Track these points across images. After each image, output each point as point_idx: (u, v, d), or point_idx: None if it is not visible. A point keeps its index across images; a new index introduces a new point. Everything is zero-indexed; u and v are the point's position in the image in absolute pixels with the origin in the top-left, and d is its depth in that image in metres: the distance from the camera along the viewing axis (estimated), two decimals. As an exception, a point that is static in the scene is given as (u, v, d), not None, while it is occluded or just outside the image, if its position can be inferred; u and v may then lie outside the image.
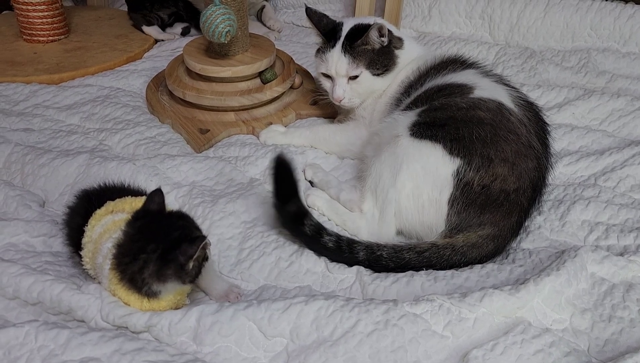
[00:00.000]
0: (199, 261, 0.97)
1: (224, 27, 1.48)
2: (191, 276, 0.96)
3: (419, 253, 1.11)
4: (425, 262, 1.11)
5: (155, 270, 0.94)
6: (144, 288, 0.96)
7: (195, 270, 0.96)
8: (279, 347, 0.95)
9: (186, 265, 0.93)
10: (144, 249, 0.94)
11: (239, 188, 1.35)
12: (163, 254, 0.93)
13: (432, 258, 1.11)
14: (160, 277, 0.94)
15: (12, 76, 1.84)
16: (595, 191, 1.33)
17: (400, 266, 1.11)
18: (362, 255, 1.12)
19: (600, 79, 1.84)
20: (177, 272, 0.94)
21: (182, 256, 0.92)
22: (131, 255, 0.95)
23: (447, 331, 0.95)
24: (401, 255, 1.11)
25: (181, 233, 0.96)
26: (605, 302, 1.02)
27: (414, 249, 1.11)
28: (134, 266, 0.94)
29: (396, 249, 1.12)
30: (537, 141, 1.20)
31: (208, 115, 1.62)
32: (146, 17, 2.20)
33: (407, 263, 1.11)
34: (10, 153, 1.44)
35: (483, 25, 2.20)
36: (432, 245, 1.12)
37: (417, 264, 1.11)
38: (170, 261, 0.93)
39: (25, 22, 2.05)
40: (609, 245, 1.19)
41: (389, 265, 1.11)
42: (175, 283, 0.96)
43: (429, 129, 1.17)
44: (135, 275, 0.95)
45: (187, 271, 0.94)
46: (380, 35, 1.38)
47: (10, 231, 1.18)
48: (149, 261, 0.93)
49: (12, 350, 0.90)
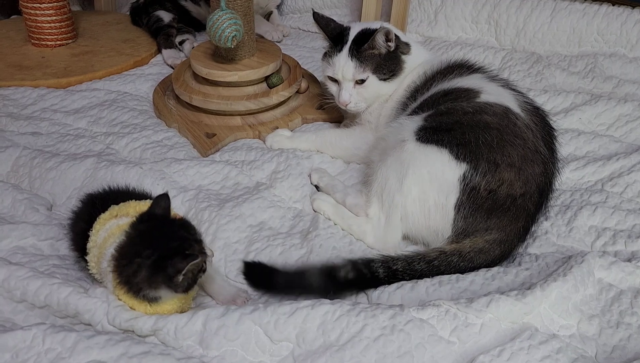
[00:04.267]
0: (193, 274, 0.96)
1: (230, 31, 1.49)
2: (182, 287, 0.95)
3: (429, 262, 1.11)
4: (435, 271, 1.10)
5: (146, 275, 0.93)
6: (141, 293, 0.96)
7: (187, 282, 0.95)
8: (285, 351, 0.95)
9: (174, 278, 0.93)
10: (139, 253, 0.94)
11: (245, 192, 1.36)
12: (156, 261, 0.93)
13: (441, 266, 1.10)
14: (152, 284, 0.94)
15: (20, 80, 1.85)
16: (603, 196, 1.32)
17: (413, 277, 1.11)
18: (381, 273, 1.09)
19: (607, 84, 1.83)
20: (165, 282, 0.94)
21: (172, 268, 0.92)
22: (128, 258, 0.95)
23: (453, 336, 0.94)
24: (413, 266, 1.10)
25: (179, 244, 0.95)
26: (613, 308, 1.01)
27: (424, 258, 1.11)
28: (129, 269, 0.94)
29: (408, 261, 1.11)
30: (543, 146, 1.20)
31: (214, 119, 1.62)
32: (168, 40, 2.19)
33: (420, 275, 1.10)
34: (18, 157, 1.45)
35: (489, 30, 2.20)
36: (440, 252, 1.12)
37: (427, 274, 1.10)
38: (161, 270, 0.93)
39: (34, 26, 2.06)
40: (616, 250, 1.19)
41: (405, 278, 1.10)
42: (168, 291, 0.96)
43: (435, 134, 1.17)
44: (129, 278, 0.95)
45: (176, 283, 0.94)
46: (387, 40, 1.39)
47: (18, 235, 1.19)
48: (143, 266, 0.93)
49: (19, 353, 0.90)
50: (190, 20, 2.32)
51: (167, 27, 2.18)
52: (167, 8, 2.26)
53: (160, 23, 2.19)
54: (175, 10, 2.27)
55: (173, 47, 2.12)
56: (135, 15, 2.32)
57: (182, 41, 2.18)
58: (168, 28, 2.18)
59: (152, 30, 2.20)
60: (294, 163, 1.45)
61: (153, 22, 2.20)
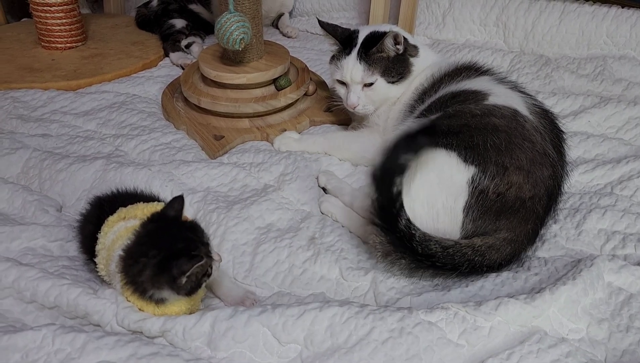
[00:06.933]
0: (197, 277, 0.96)
1: (238, 34, 1.50)
2: (185, 289, 0.95)
3: (444, 248, 1.08)
4: (449, 258, 1.07)
5: (150, 275, 0.94)
6: (147, 294, 0.96)
7: (190, 285, 0.95)
8: (293, 353, 0.95)
9: (178, 279, 0.93)
10: (146, 253, 0.94)
11: (253, 194, 1.36)
12: (161, 262, 0.93)
13: (455, 255, 1.08)
14: (155, 284, 0.94)
15: (30, 82, 1.87)
16: (612, 199, 1.31)
17: (426, 255, 1.07)
18: (402, 224, 1.06)
19: (617, 86, 1.82)
20: (169, 283, 0.94)
21: (176, 269, 0.92)
22: (134, 257, 0.95)
23: (462, 339, 0.94)
24: (429, 244, 1.08)
25: (185, 245, 0.95)
26: (623, 312, 1.01)
27: (439, 243, 1.09)
28: (135, 269, 0.95)
29: (426, 236, 1.08)
30: (552, 149, 1.19)
31: (223, 121, 1.63)
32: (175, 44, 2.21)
33: (433, 255, 1.07)
34: (29, 158, 1.46)
35: (497, 32, 2.19)
36: (455, 242, 1.10)
37: (441, 258, 1.07)
38: (165, 271, 0.93)
39: (44, 29, 2.08)
40: (626, 254, 1.18)
41: (417, 249, 1.07)
42: (171, 293, 0.96)
43: (443, 137, 1.16)
44: (135, 277, 0.95)
45: (180, 285, 0.94)
46: (395, 43, 1.39)
47: (28, 236, 1.20)
48: (147, 265, 0.94)
49: (29, 353, 0.91)
50: (202, 23, 2.33)
51: (177, 33, 2.20)
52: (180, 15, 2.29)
53: (172, 29, 2.22)
54: (186, 15, 2.29)
55: (180, 51, 2.14)
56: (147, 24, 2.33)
57: (190, 44, 2.19)
58: (177, 34, 2.20)
59: (163, 36, 2.22)
60: (302, 165, 1.45)
61: (165, 29, 2.23)
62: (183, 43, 2.20)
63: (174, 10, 2.30)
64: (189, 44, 2.20)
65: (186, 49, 2.18)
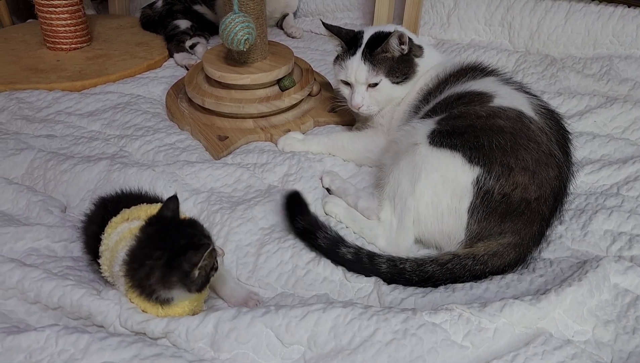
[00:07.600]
0: (206, 271, 0.96)
1: (243, 35, 1.50)
2: (197, 284, 0.95)
3: (442, 265, 1.10)
4: (448, 274, 1.09)
5: (160, 276, 0.94)
6: (154, 295, 0.96)
7: (201, 279, 0.95)
8: (296, 355, 0.95)
9: (191, 272, 0.93)
10: (150, 255, 0.94)
11: (256, 194, 1.36)
12: (168, 261, 0.93)
13: (454, 269, 1.09)
14: (166, 284, 0.94)
15: (35, 83, 1.87)
16: (618, 200, 1.30)
17: (424, 279, 1.10)
18: (384, 268, 1.11)
19: (623, 86, 1.81)
20: (182, 280, 0.94)
21: (187, 263, 0.92)
22: (138, 261, 0.95)
23: (466, 341, 0.94)
24: (424, 268, 1.10)
25: (188, 240, 0.95)
26: (629, 314, 1.00)
27: (436, 261, 1.10)
28: (141, 273, 0.95)
29: (419, 262, 1.11)
30: (558, 150, 1.19)
31: (227, 122, 1.63)
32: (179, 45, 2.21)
33: (431, 277, 1.10)
34: (33, 159, 1.46)
35: (503, 32, 2.18)
36: (453, 255, 1.11)
37: (440, 276, 1.09)
38: (175, 269, 0.93)
39: (49, 30, 2.09)
40: (632, 255, 1.17)
41: (413, 278, 1.10)
42: (182, 291, 0.96)
43: (448, 138, 1.16)
44: (142, 281, 0.95)
45: (192, 279, 0.94)
46: (400, 43, 1.38)
47: (33, 236, 1.20)
48: (155, 267, 0.94)
49: (33, 354, 0.91)
50: (206, 24, 2.34)
51: (181, 34, 2.20)
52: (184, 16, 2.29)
53: (177, 30, 2.22)
54: (190, 15, 2.30)
55: (184, 52, 2.14)
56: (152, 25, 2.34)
57: (194, 45, 2.20)
58: (182, 35, 2.20)
59: (167, 37, 2.23)
60: (306, 165, 1.44)
61: (170, 30, 2.23)
62: (187, 44, 2.20)
63: (179, 11, 2.30)
64: (193, 44, 2.20)
65: (190, 50, 2.19)
